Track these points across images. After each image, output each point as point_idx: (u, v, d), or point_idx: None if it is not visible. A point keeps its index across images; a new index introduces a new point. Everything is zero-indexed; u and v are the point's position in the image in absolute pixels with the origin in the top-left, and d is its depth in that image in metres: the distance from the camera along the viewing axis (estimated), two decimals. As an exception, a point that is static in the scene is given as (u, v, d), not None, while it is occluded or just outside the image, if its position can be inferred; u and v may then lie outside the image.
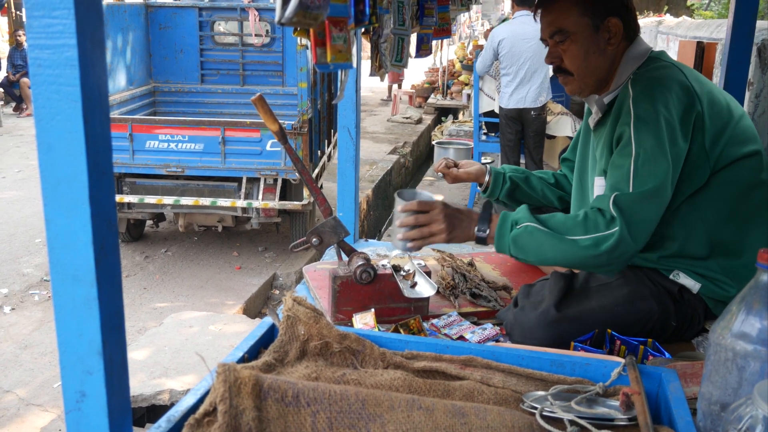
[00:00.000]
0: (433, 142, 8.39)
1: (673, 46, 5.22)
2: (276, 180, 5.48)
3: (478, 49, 8.33)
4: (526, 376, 1.22)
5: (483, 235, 1.72)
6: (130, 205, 5.54)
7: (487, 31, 9.33)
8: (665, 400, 1.15)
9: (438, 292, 2.08)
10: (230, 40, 6.85)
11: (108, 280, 0.89)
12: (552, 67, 1.82)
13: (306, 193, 5.55)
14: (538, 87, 5.60)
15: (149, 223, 6.51)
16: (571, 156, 2.13)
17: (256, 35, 6.58)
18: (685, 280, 1.70)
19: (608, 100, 1.77)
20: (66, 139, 0.84)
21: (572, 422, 1.07)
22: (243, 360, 1.21)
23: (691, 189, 1.65)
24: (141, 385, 3.26)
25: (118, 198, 5.42)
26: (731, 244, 1.69)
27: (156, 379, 3.34)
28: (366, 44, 2.32)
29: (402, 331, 1.73)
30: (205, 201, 5.47)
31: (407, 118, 12.08)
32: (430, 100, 13.02)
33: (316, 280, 2.23)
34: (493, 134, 6.29)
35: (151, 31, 6.66)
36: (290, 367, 1.19)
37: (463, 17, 16.39)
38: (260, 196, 5.47)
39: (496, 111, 6.00)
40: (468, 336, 1.77)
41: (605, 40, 1.72)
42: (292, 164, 1.93)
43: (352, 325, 1.80)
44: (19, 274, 5.36)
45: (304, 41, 1.43)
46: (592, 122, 1.85)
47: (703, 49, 4.33)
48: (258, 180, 5.49)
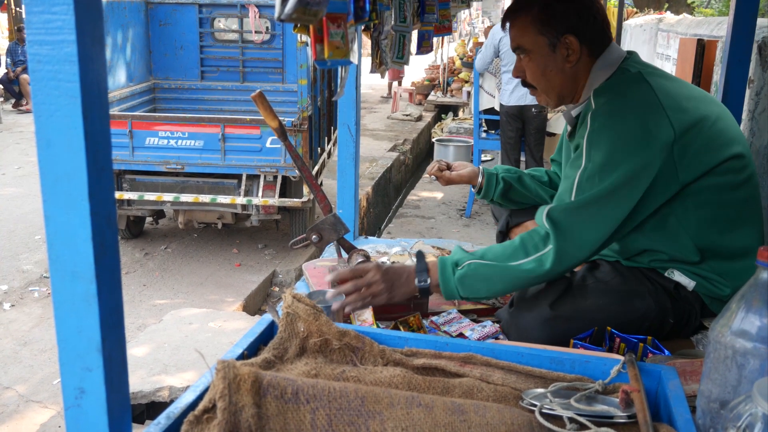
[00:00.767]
0: (433, 140, 8.39)
1: (674, 43, 5.21)
2: (276, 177, 5.48)
3: (479, 46, 8.31)
4: (525, 374, 1.22)
5: (425, 285, 1.69)
6: (129, 202, 5.55)
7: (487, 29, 9.33)
8: (665, 398, 1.15)
9: (438, 290, 2.08)
10: (230, 36, 6.84)
11: (107, 277, 0.89)
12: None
13: (306, 190, 5.55)
14: (539, 84, 5.59)
15: (149, 220, 6.51)
16: (558, 157, 2.14)
17: (256, 32, 6.58)
18: (680, 278, 1.70)
19: (575, 113, 1.78)
20: (65, 136, 0.84)
21: (571, 419, 1.07)
22: (242, 357, 1.21)
23: (662, 199, 1.61)
24: (140, 382, 3.27)
25: (118, 195, 5.42)
26: (721, 247, 1.67)
27: (155, 376, 3.34)
28: (366, 41, 2.32)
29: (402, 328, 1.74)
30: (205, 198, 5.48)
31: (407, 116, 12.08)
32: (431, 98, 13.03)
33: (316, 277, 2.22)
34: (493, 132, 6.29)
35: (151, 27, 6.66)
36: (290, 364, 1.19)
37: (464, 14, 16.37)
38: (260, 193, 5.47)
39: (497, 108, 5.99)
40: (467, 333, 1.77)
41: (563, 57, 1.71)
42: (292, 161, 1.93)
43: (352, 322, 1.80)
44: (19, 270, 5.36)
45: (305, 38, 1.42)
46: (567, 133, 1.87)
47: (704, 46, 4.32)
48: (258, 177, 5.49)
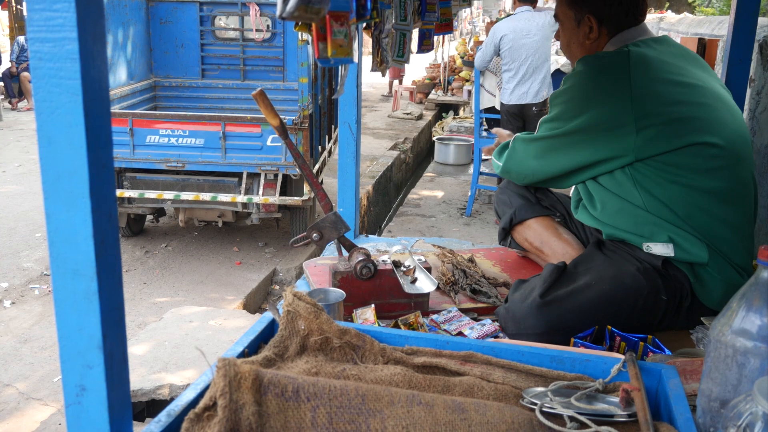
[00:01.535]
0: (434, 138, 8.39)
1: (675, 42, 5.20)
2: (276, 175, 5.48)
3: (479, 45, 8.32)
4: (526, 372, 1.22)
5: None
6: (130, 200, 5.55)
7: (489, 24, 9.30)
8: (665, 397, 1.15)
9: (438, 288, 2.08)
10: (231, 35, 6.84)
11: (108, 275, 0.89)
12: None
13: (306, 188, 5.55)
14: (540, 83, 5.59)
15: (149, 218, 6.51)
16: None
17: (256, 30, 6.58)
18: (658, 248, 1.73)
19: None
20: (67, 133, 0.84)
21: (572, 418, 1.07)
22: (243, 355, 1.21)
23: (610, 160, 1.76)
24: (141, 379, 3.27)
25: (119, 193, 5.42)
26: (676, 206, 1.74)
27: (156, 374, 3.34)
28: (367, 39, 2.32)
29: (402, 326, 1.74)
30: (206, 196, 5.47)
31: (408, 114, 12.07)
32: (431, 96, 13.01)
33: (317, 276, 2.23)
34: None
35: (152, 25, 6.66)
36: (290, 362, 1.19)
37: (465, 13, 16.37)
38: (260, 192, 5.47)
39: (497, 107, 5.99)
40: (467, 332, 1.77)
41: (585, 33, 1.88)
42: (293, 159, 1.94)
43: (352, 321, 1.80)
44: (20, 268, 5.36)
45: (306, 36, 1.42)
46: None
47: (705, 45, 4.33)
48: (258, 175, 5.49)
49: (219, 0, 6.61)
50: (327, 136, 6.60)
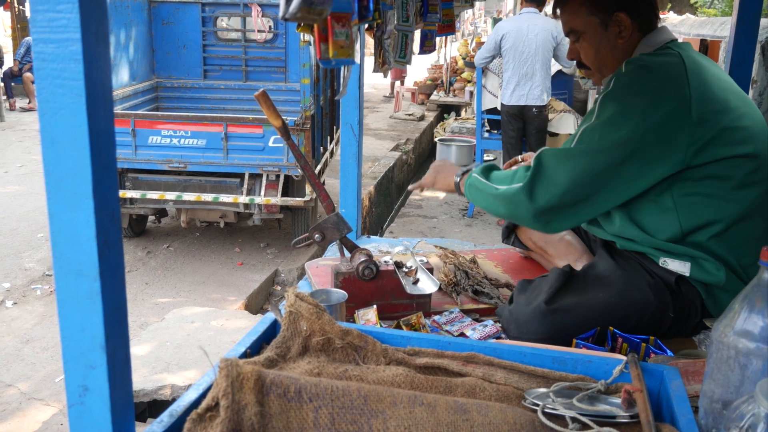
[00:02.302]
0: (436, 139, 8.38)
1: (677, 43, 5.20)
2: (278, 176, 5.48)
3: (481, 45, 8.32)
4: (528, 373, 1.22)
5: (457, 180, 1.94)
6: (132, 201, 5.55)
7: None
8: (667, 398, 1.15)
9: (440, 289, 2.08)
10: (233, 35, 6.85)
11: (111, 275, 0.90)
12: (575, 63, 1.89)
13: (308, 189, 5.55)
14: (540, 84, 5.58)
15: (151, 218, 6.52)
16: None
17: (258, 31, 6.58)
18: (675, 265, 1.67)
19: (606, 81, 1.81)
20: (70, 134, 0.84)
21: (574, 419, 1.07)
22: (245, 355, 1.22)
23: (658, 174, 1.60)
24: (143, 380, 3.27)
25: (121, 193, 5.42)
26: (705, 230, 1.66)
27: (158, 375, 3.34)
28: (369, 40, 2.32)
29: (404, 327, 1.74)
30: (208, 197, 5.48)
31: (410, 115, 12.08)
32: (433, 97, 13.01)
33: (319, 277, 2.23)
34: (496, 131, 6.28)
35: (154, 26, 6.67)
36: (292, 363, 1.19)
37: (467, 14, 16.37)
38: (262, 192, 5.47)
39: (499, 108, 5.99)
40: (469, 333, 1.77)
41: (615, 34, 1.75)
42: (295, 160, 1.94)
43: (354, 322, 1.80)
44: (22, 268, 5.37)
45: (308, 37, 1.42)
46: None
47: (707, 47, 4.33)
48: (260, 176, 5.50)
49: (221, 1, 6.62)
50: (329, 137, 6.60)
